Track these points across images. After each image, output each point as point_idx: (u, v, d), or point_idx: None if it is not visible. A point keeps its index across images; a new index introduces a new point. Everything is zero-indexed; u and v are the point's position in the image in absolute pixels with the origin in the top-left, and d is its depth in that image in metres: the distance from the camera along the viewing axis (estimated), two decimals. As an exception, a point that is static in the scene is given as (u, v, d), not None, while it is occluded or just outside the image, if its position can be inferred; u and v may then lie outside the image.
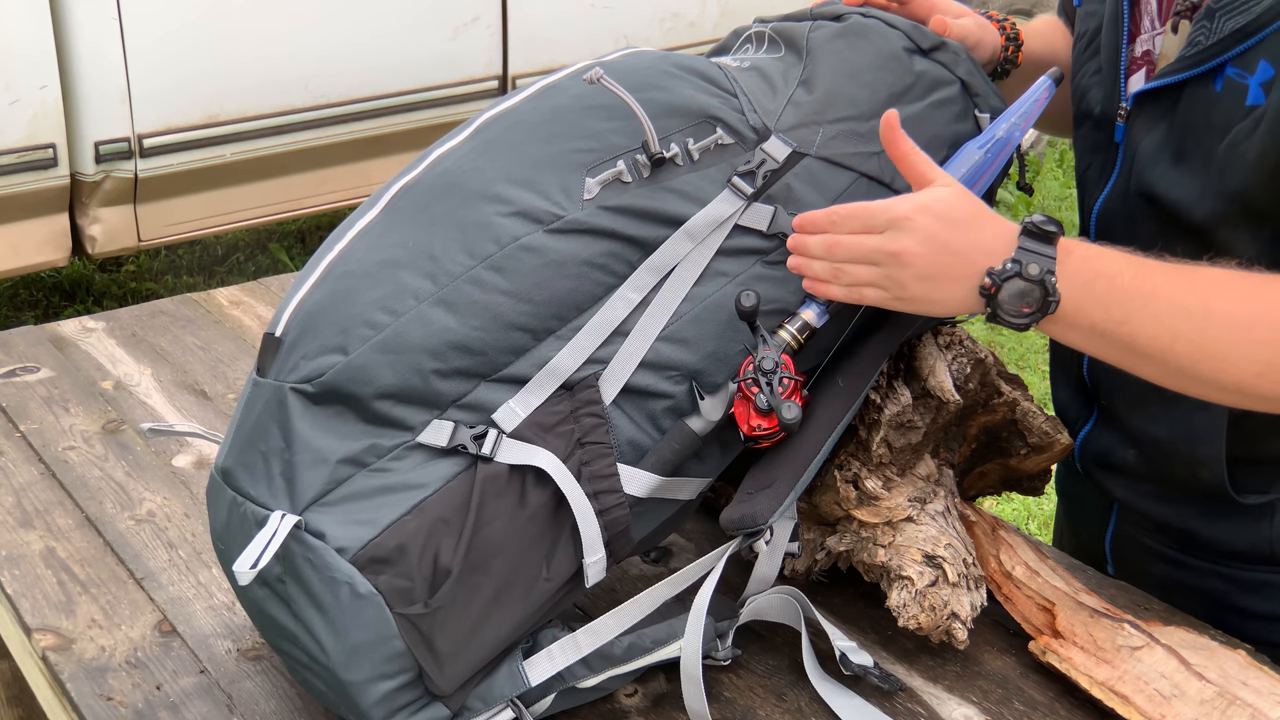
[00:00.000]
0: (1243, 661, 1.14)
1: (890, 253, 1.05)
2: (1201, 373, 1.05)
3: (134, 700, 1.17)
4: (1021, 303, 1.04)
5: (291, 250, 4.71)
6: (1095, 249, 1.07)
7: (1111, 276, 1.05)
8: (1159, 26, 1.22)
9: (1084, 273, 1.05)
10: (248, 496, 1.06)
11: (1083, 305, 1.05)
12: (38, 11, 3.22)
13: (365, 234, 1.11)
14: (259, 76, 3.59)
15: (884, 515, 1.21)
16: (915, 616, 1.17)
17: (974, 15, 1.36)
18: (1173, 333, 1.04)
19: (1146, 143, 1.20)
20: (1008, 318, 1.05)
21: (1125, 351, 1.07)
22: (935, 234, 1.05)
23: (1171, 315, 1.04)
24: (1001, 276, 1.04)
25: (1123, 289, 1.05)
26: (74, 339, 1.85)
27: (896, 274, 1.05)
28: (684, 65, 1.19)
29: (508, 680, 1.10)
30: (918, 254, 1.05)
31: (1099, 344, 1.07)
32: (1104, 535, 1.39)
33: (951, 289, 1.06)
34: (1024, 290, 1.04)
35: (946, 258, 1.05)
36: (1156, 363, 1.06)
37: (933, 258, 1.05)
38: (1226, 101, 1.12)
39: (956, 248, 1.05)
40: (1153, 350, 1.05)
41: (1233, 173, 1.12)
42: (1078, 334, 1.07)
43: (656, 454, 1.12)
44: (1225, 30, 1.11)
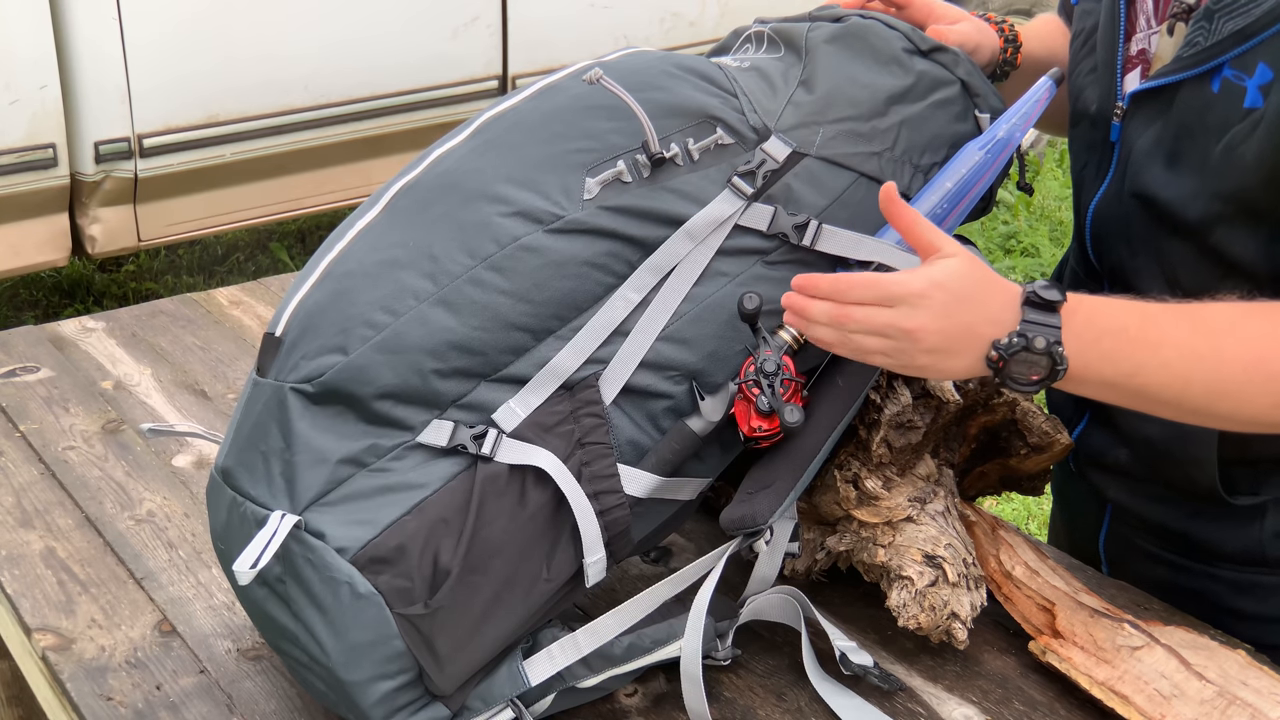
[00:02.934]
0: (1243, 661, 1.14)
1: (904, 330, 1.03)
2: (1218, 412, 1.07)
3: (134, 700, 1.17)
4: (1030, 372, 1.04)
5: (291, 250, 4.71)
6: (1099, 304, 1.07)
7: (1117, 332, 1.05)
8: (1154, 26, 1.22)
9: (1089, 331, 1.05)
10: (248, 496, 1.06)
11: (1091, 364, 1.05)
12: (37, 11, 3.22)
13: (365, 234, 1.11)
14: (259, 76, 3.59)
15: (884, 515, 1.21)
16: (915, 616, 1.17)
17: (972, 19, 1.36)
18: (1185, 379, 1.05)
19: (1141, 142, 1.20)
20: (1017, 386, 1.05)
21: (1139, 399, 1.07)
22: (949, 311, 1.04)
23: (1182, 362, 1.05)
24: (1008, 351, 1.03)
25: (1130, 342, 1.05)
26: (74, 339, 1.85)
27: (907, 348, 1.04)
28: (684, 65, 1.19)
29: (508, 680, 1.10)
30: (931, 331, 1.03)
31: (1112, 395, 1.08)
32: (1098, 536, 1.39)
33: (959, 360, 1.05)
34: (1032, 362, 1.03)
35: (958, 333, 1.04)
36: (1172, 407, 1.07)
37: (945, 334, 1.04)
38: (1223, 103, 1.12)
39: (967, 321, 1.04)
40: (1167, 397, 1.06)
41: (1229, 174, 1.12)
42: (1090, 389, 1.07)
43: (656, 454, 1.12)
44: (1224, 32, 1.11)
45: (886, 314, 1.04)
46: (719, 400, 1.12)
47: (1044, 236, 4.77)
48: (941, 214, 1.20)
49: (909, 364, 1.06)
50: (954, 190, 1.20)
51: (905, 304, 1.03)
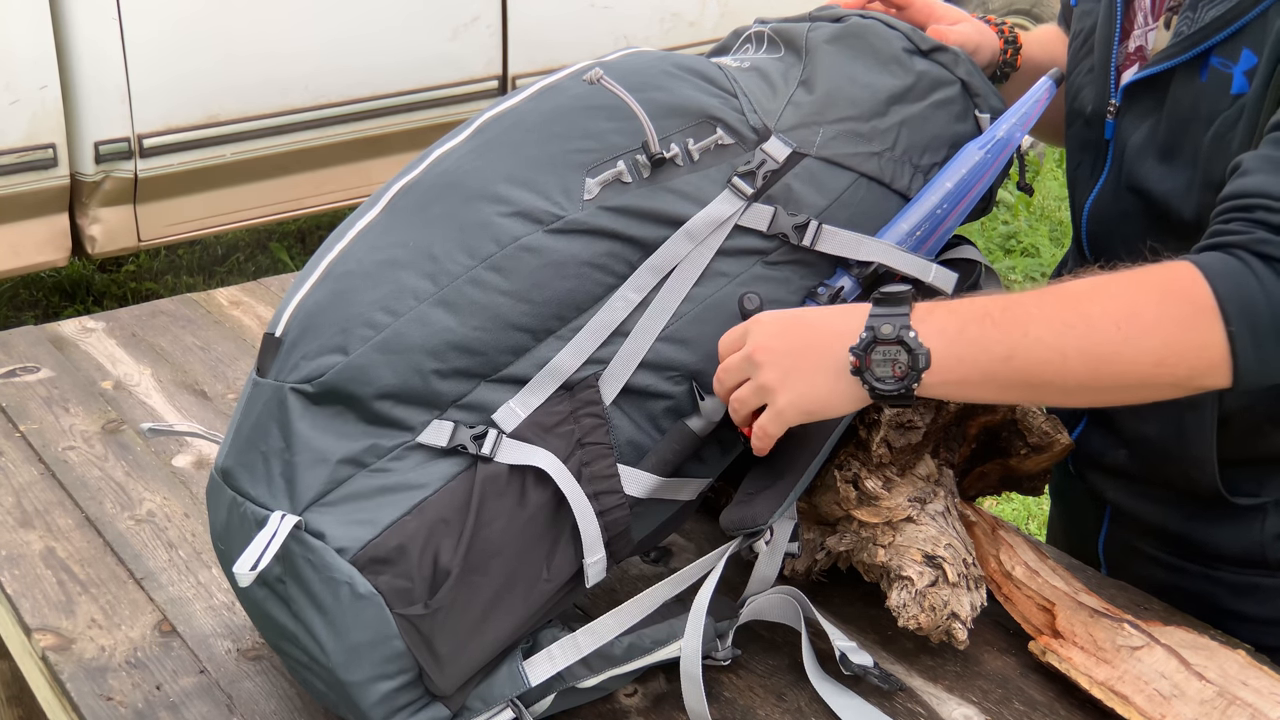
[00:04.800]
0: (1243, 661, 1.14)
1: (748, 356, 1.05)
2: (1103, 380, 1.02)
3: (134, 700, 1.17)
4: (891, 369, 1.01)
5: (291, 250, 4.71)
6: (955, 302, 1.05)
7: (980, 319, 1.03)
8: (1151, 22, 1.22)
9: (951, 324, 1.02)
10: (248, 497, 1.06)
11: (963, 356, 1.02)
12: (38, 11, 3.22)
13: (365, 234, 1.11)
14: (259, 76, 3.58)
15: (884, 515, 1.21)
16: (915, 616, 1.17)
17: (972, 20, 1.36)
18: (1060, 351, 1.01)
19: (1135, 137, 1.20)
20: (884, 388, 1.02)
21: (1022, 387, 1.04)
22: (784, 327, 1.05)
23: (1053, 335, 1.01)
24: (860, 348, 1.02)
25: (995, 326, 1.02)
26: (74, 339, 1.85)
27: (761, 379, 1.04)
28: (684, 65, 1.19)
29: (508, 680, 1.10)
30: (771, 349, 1.04)
31: (995, 390, 1.05)
32: (1097, 538, 1.39)
33: (820, 380, 1.04)
34: (888, 355, 1.01)
35: (799, 343, 1.04)
36: (1057, 386, 1.04)
37: (786, 350, 1.04)
38: (1212, 91, 1.12)
39: (808, 337, 1.05)
40: (1048, 375, 1.02)
41: (1218, 162, 1.11)
42: (971, 387, 1.04)
43: (657, 454, 1.12)
44: (1206, 19, 1.11)
45: (739, 354, 1.06)
46: (719, 400, 1.12)
47: (1044, 236, 4.77)
48: (941, 214, 1.20)
49: (776, 401, 1.05)
50: (954, 190, 1.20)
51: (747, 335, 1.06)
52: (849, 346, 1.03)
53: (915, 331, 1.01)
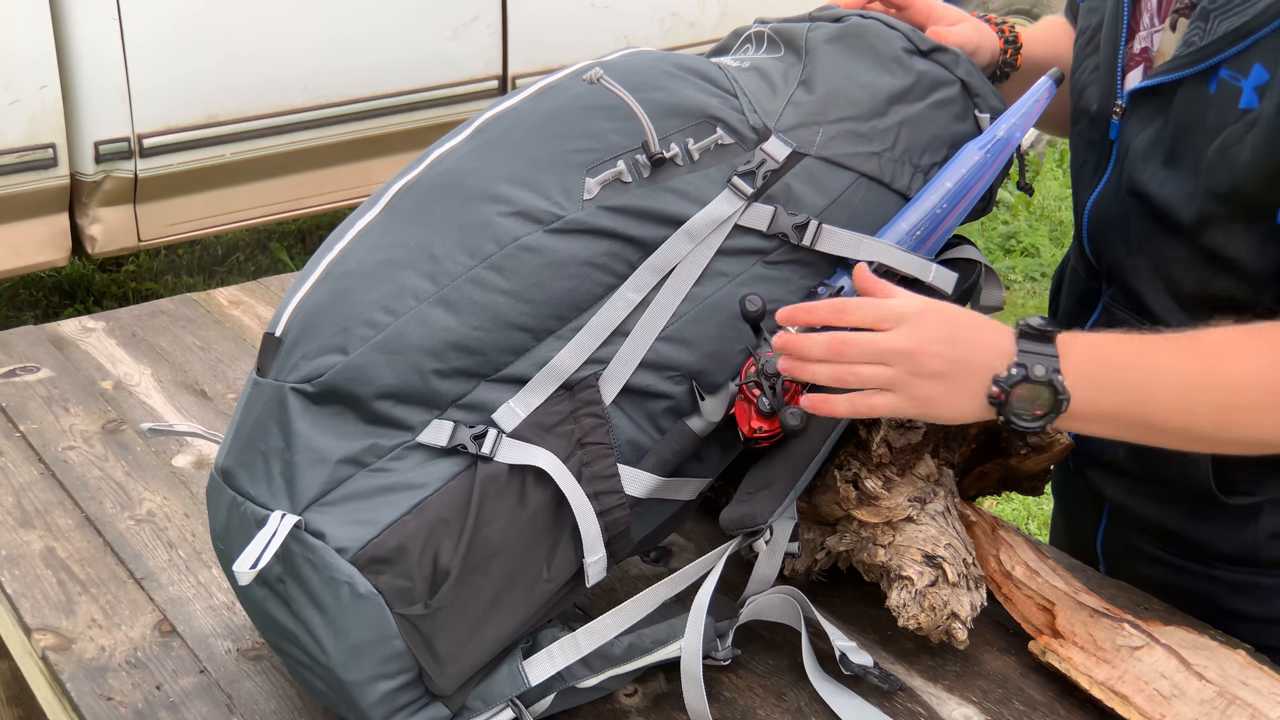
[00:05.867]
0: (1243, 661, 1.14)
1: (904, 351, 1.02)
2: (1226, 436, 1.07)
3: (134, 700, 1.17)
4: (1033, 406, 1.03)
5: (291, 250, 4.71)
6: (1094, 339, 1.07)
7: (1115, 364, 1.05)
8: (1158, 24, 1.22)
9: (1088, 365, 1.04)
10: (248, 496, 1.06)
11: (1095, 398, 1.04)
12: (37, 11, 3.22)
13: (365, 234, 1.11)
14: (259, 76, 3.58)
15: (884, 515, 1.21)
16: (915, 616, 1.17)
17: (971, 21, 1.36)
18: (1189, 405, 1.05)
19: (1139, 141, 1.20)
20: (1021, 423, 1.03)
21: (1147, 430, 1.07)
22: (947, 334, 1.04)
23: (1185, 388, 1.05)
24: (1008, 383, 1.03)
25: (1131, 371, 1.05)
26: (74, 339, 1.85)
27: (909, 374, 1.03)
28: (684, 65, 1.19)
29: (508, 680, 1.10)
30: (931, 353, 1.03)
31: (1118, 429, 1.08)
32: (1095, 536, 1.39)
33: (962, 394, 1.04)
34: (1033, 394, 1.03)
35: (958, 357, 1.04)
36: (1180, 435, 1.07)
37: (946, 356, 1.03)
38: (1219, 103, 1.12)
39: (965, 349, 1.04)
40: (1174, 425, 1.06)
41: (1221, 174, 1.11)
42: (1096, 424, 1.07)
43: (657, 454, 1.12)
44: (1219, 32, 1.11)
45: (885, 337, 1.03)
46: (719, 400, 1.12)
47: (1044, 236, 4.77)
48: (941, 214, 1.20)
49: (913, 394, 1.03)
50: (954, 190, 1.20)
51: (904, 323, 1.03)
52: (994, 376, 1.03)
53: (1064, 376, 1.02)
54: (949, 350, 1.03)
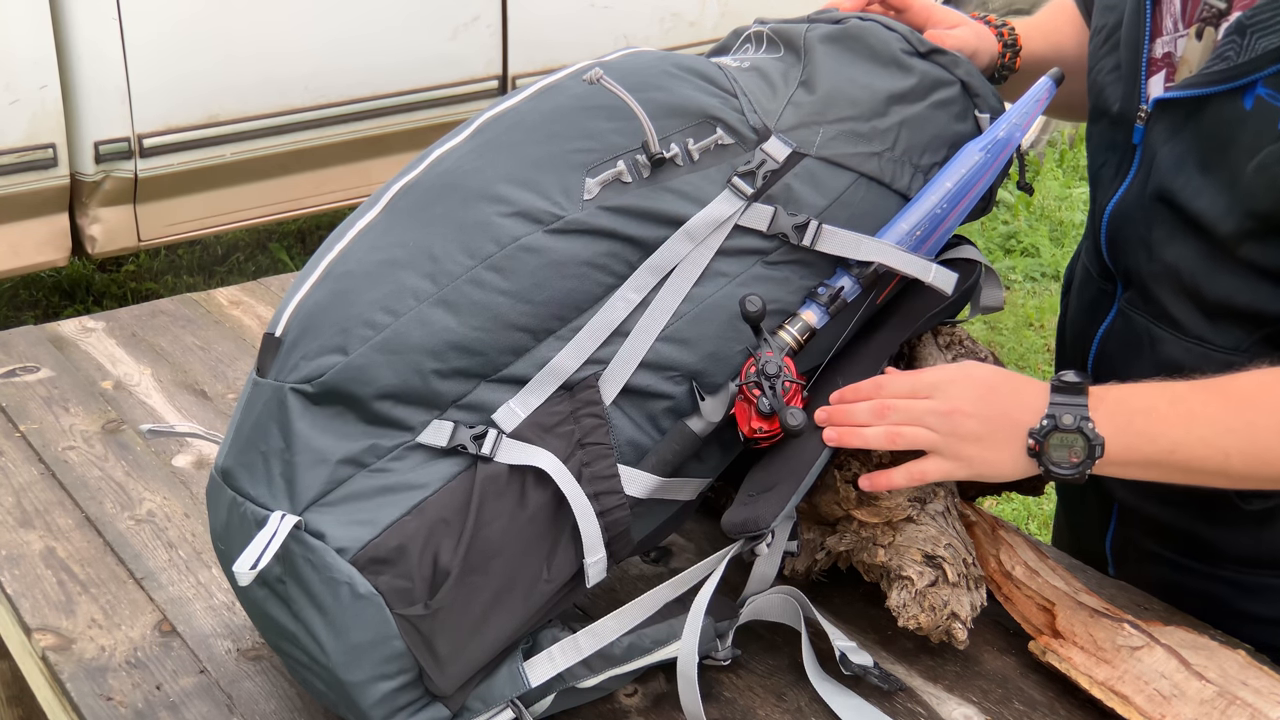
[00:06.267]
0: (1243, 661, 1.14)
1: (943, 413, 1.09)
2: (1263, 476, 1.10)
3: (134, 700, 1.17)
4: (1069, 454, 1.07)
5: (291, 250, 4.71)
6: (1126, 389, 1.10)
7: (1148, 411, 1.08)
8: (1182, 28, 1.20)
9: (1121, 414, 1.08)
10: (248, 497, 1.06)
11: (1130, 444, 1.08)
12: (38, 11, 3.22)
13: (365, 234, 1.11)
14: (259, 76, 3.58)
15: (884, 515, 1.21)
16: (915, 616, 1.17)
17: (970, 24, 1.36)
18: (1223, 451, 1.07)
19: (1168, 149, 1.19)
20: (1060, 472, 1.08)
21: (1187, 474, 1.10)
22: (980, 395, 1.10)
23: (1216, 436, 1.07)
24: (1041, 434, 1.07)
25: (1162, 420, 1.08)
26: (74, 339, 1.85)
27: (950, 434, 1.09)
28: (684, 65, 1.19)
29: (508, 681, 1.10)
30: (969, 414, 1.09)
31: (1157, 473, 1.11)
32: (1104, 537, 1.39)
33: (1002, 450, 1.09)
34: (1066, 441, 1.07)
35: (995, 416, 1.09)
36: (1217, 476, 1.10)
37: (983, 417, 1.09)
38: (1257, 121, 1.10)
39: (1002, 408, 1.09)
40: (1210, 469, 1.09)
41: (1262, 194, 1.11)
42: (1135, 469, 1.10)
43: (657, 454, 1.12)
44: (1259, 49, 1.10)
45: (925, 402, 1.10)
46: (719, 401, 1.12)
47: (1044, 236, 4.77)
48: (941, 214, 1.20)
49: (957, 455, 1.09)
50: (954, 190, 1.20)
51: (940, 390, 1.10)
52: (1029, 429, 1.08)
53: (1093, 422, 1.07)
54: (983, 410, 1.09)
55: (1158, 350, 1.23)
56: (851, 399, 1.13)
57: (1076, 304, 1.38)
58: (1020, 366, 4.03)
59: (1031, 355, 4.08)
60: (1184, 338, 1.21)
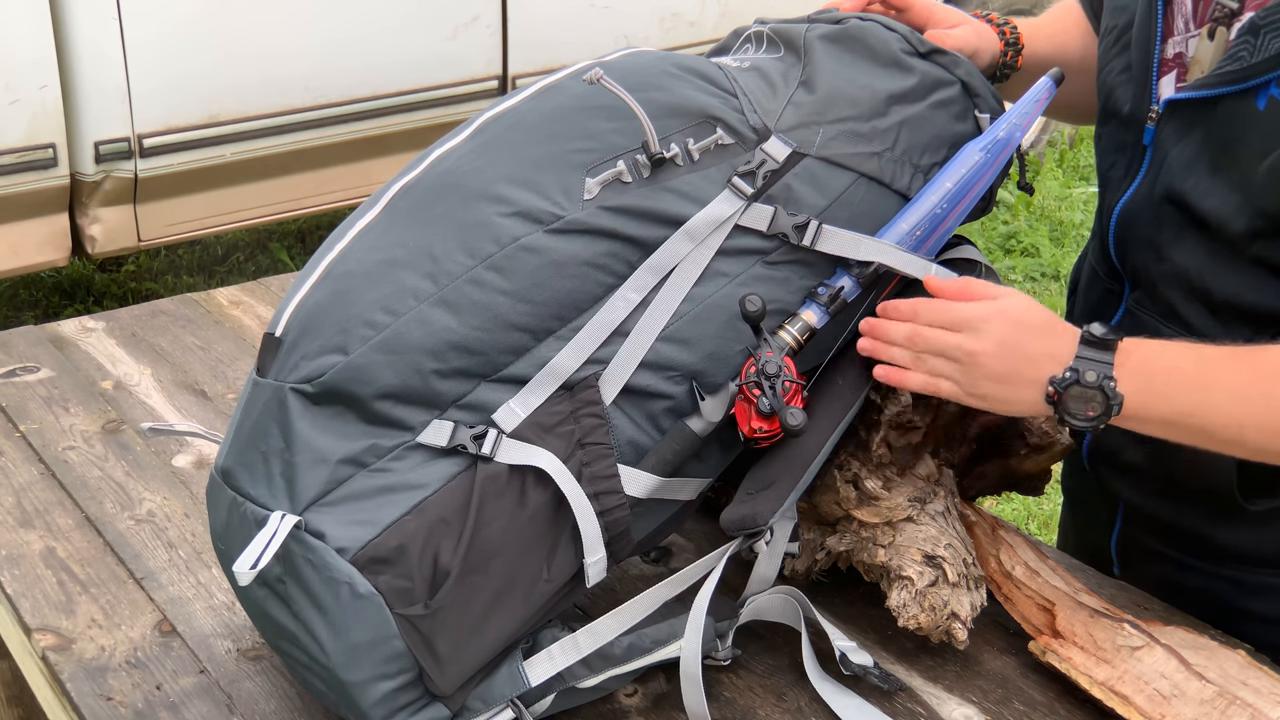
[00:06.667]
0: (1243, 661, 1.14)
1: (968, 351, 1.10)
2: (1275, 449, 1.10)
3: (134, 700, 1.17)
4: (1086, 407, 1.08)
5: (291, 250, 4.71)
6: (1155, 347, 1.11)
7: (1170, 371, 1.09)
8: (1193, 29, 1.20)
9: (1143, 372, 1.08)
10: (248, 496, 1.06)
11: (1148, 402, 1.08)
12: (38, 11, 3.21)
13: (365, 234, 1.11)
14: (259, 76, 3.58)
15: (884, 515, 1.21)
16: (915, 616, 1.17)
17: (971, 23, 1.36)
18: (1238, 420, 1.08)
19: (1179, 149, 1.19)
20: (1076, 422, 1.09)
21: (1201, 437, 1.10)
22: (1009, 338, 1.10)
23: (1233, 405, 1.08)
24: (1062, 385, 1.08)
25: (1185, 382, 1.09)
26: (74, 339, 1.85)
27: (971, 372, 1.10)
28: (684, 65, 1.19)
29: (508, 680, 1.10)
30: (992, 355, 1.09)
31: (1174, 433, 1.11)
32: (1109, 537, 1.38)
33: (1022, 392, 1.10)
34: (1085, 395, 1.08)
35: (1018, 362, 1.10)
36: (1234, 445, 1.10)
37: (1005, 361, 1.09)
38: (1269, 121, 1.11)
39: (1028, 353, 1.10)
40: (1226, 437, 1.09)
41: (1272, 194, 1.11)
42: (1152, 427, 1.11)
43: (657, 454, 1.12)
44: (1272, 50, 1.10)
45: (954, 337, 1.10)
46: (719, 401, 1.12)
47: (1044, 236, 4.77)
48: (941, 214, 1.20)
49: (974, 392, 1.11)
50: (954, 190, 1.20)
51: (970, 328, 1.10)
52: (1050, 376, 1.08)
53: (1115, 380, 1.07)
54: (1010, 354, 1.10)
55: None
56: (891, 316, 1.14)
57: (1083, 304, 1.38)
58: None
59: (1031, 355, 4.07)
60: (1192, 338, 1.21)
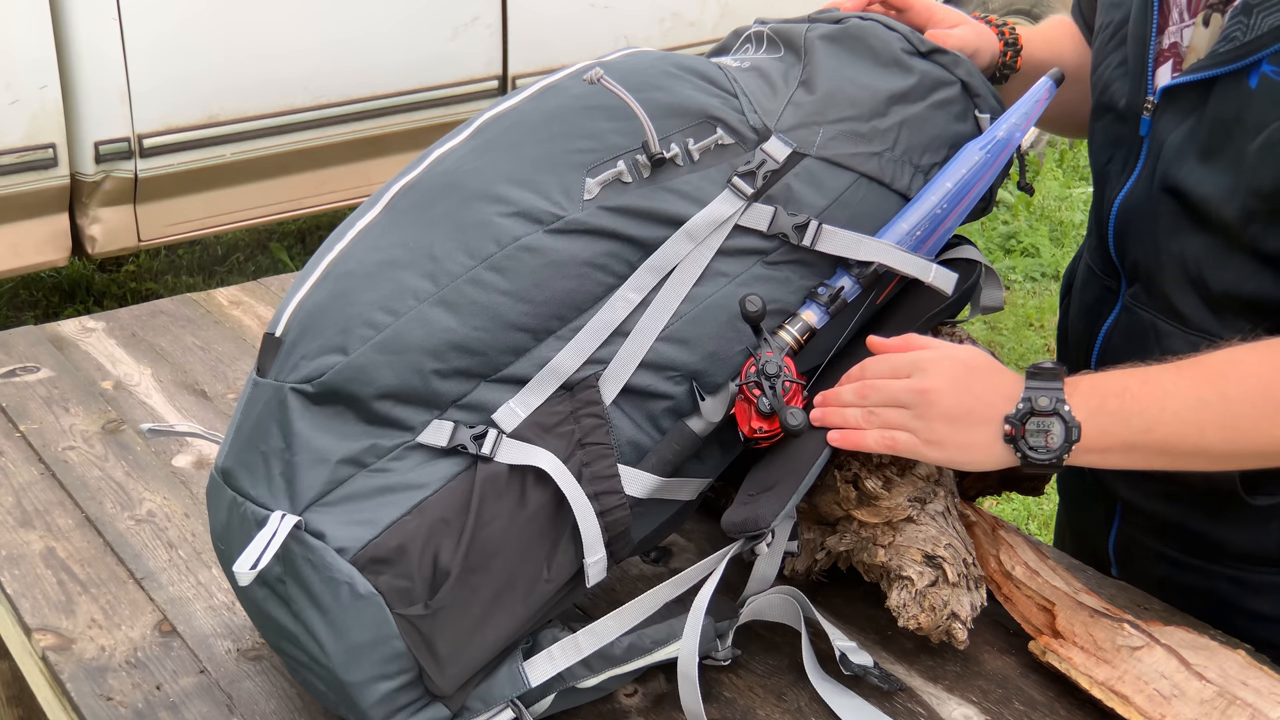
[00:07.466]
0: (1243, 661, 1.14)
1: (918, 390, 1.09)
2: (1241, 450, 1.09)
3: (134, 700, 1.17)
4: (1046, 438, 1.07)
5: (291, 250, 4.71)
6: (1098, 375, 1.11)
7: (1120, 393, 1.08)
8: (1188, 19, 1.21)
9: (1094, 397, 1.08)
10: (248, 497, 1.06)
11: (1105, 428, 1.08)
12: (38, 11, 3.22)
13: (365, 234, 1.11)
14: (259, 76, 3.59)
15: (884, 515, 1.21)
16: (915, 616, 1.17)
17: (971, 23, 1.36)
18: (1198, 426, 1.07)
19: (1175, 138, 1.19)
20: (1038, 458, 1.08)
21: (1164, 455, 1.10)
22: (958, 376, 1.10)
23: (1189, 410, 1.07)
24: (1017, 418, 1.08)
25: (1135, 399, 1.08)
26: (74, 339, 1.85)
27: (924, 413, 1.09)
28: (684, 65, 1.19)
29: (508, 681, 1.10)
30: (943, 392, 1.09)
31: (1137, 458, 1.10)
32: (1107, 536, 1.38)
33: (978, 433, 1.09)
34: (1043, 425, 1.07)
35: (969, 400, 1.09)
36: (1197, 455, 1.10)
37: (958, 398, 1.09)
38: (1262, 99, 1.11)
39: (978, 391, 1.09)
40: (1187, 447, 1.08)
41: (1266, 170, 1.11)
42: (1114, 455, 1.10)
43: (657, 454, 1.12)
44: (1264, 27, 1.10)
45: (903, 381, 1.10)
46: (719, 401, 1.12)
47: (1044, 236, 4.77)
48: (941, 214, 1.20)
49: (930, 436, 1.09)
50: (954, 190, 1.20)
51: (919, 370, 1.10)
52: (1005, 415, 1.08)
53: (1069, 405, 1.07)
54: (962, 392, 1.09)
55: (1163, 345, 1.23)
56: (841, 383, 1.14)
57: (1078, 303, 1.38)
58: (1020, 367, 4.03)
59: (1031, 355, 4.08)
60: (1189, 331, 1.21)
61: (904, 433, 1.09)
